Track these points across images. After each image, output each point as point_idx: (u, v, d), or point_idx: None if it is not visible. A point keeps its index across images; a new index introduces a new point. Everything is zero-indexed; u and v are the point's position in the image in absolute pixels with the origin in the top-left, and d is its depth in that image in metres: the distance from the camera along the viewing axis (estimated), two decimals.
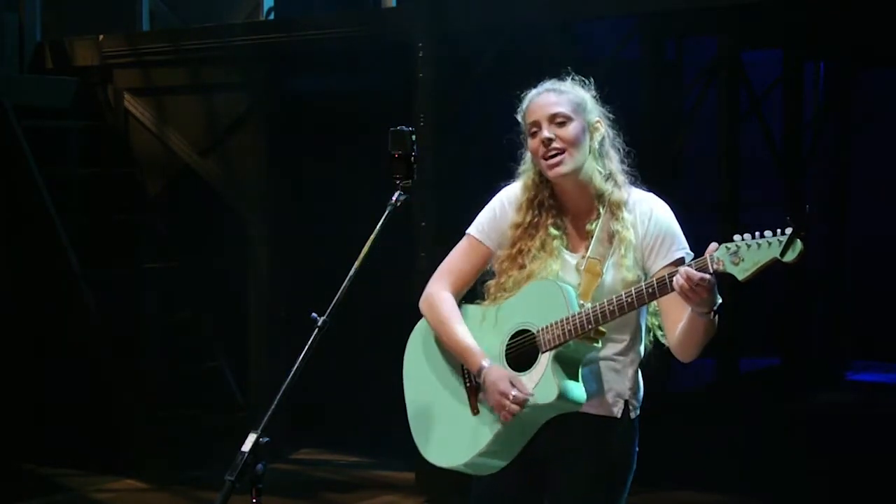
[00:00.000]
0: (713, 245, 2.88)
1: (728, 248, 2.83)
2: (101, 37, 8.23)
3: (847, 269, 10.37)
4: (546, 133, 3.11)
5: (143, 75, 8.22)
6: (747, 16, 7.95)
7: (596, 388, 3.12)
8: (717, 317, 2.95)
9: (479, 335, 3.21)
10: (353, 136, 7.93)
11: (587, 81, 3.27)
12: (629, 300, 2.97)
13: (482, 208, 3.33)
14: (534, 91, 3.21)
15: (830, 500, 6.79)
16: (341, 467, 7.57)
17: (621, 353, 3.16)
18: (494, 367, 3.12)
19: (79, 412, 7.51)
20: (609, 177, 3.17)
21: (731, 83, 8.71)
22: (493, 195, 3.33)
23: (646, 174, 3.25)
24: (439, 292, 3.27)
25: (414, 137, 3.21)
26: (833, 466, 7.39)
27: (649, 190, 3.24)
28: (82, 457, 7.45)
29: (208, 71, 7.96)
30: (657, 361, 3.27)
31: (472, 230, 3.30)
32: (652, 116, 8.29)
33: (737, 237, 2.84)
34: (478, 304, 3.28)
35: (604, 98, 3.32)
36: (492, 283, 3.24)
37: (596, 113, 3.21)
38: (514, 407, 3.03)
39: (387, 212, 3.16)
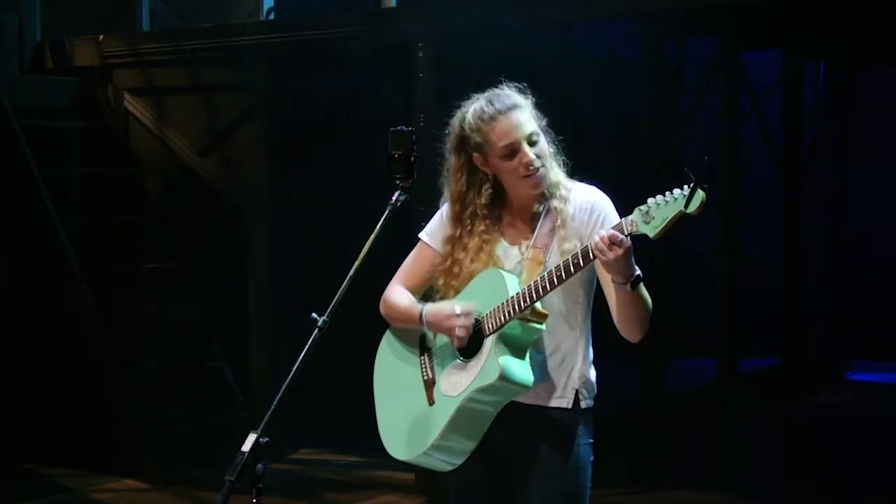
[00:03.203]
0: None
1: (641, 210, 2.92)
2: (101, 37, 8.23)
3: (847, 269, 10.36)
4: (531, 155, 3.15)
5: (143, 75, 8.22)
6: (747, 16, 7.95)
7: (545, 379, 3.17)
8: (637, 287, 3.02)
9: (431, 334, 3.29)
10: (353, 136, 7.93)
11: (522, 85, 3.28)
12: (559, 273, 3.03)
13: None
14: (490, 108, 3.19)
15: (830, 500, 6.80)
16: (341, 467, 7.57)
17: (569, 343, 3.20)
18: (433, 305, 3.23)
19: (79, 412, 7.51)
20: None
21: (731, 83, 8.71)
22: None
23: (646, 174, 3.26)
24: (389, 288, 3.40)
25: (414, 137, 3.23)
26: (833, 466, 7.39)
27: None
28: (82, 457, 7.45)
29: (208, 71, 7.96)
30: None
31: (422, 234, 3.39)
32: (652, 116, 8.29)
33: (650, 199, 2.90)
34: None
35: (602, 98, 3.35)
36: (437, 297, 3.31)
37: (538, 114, 3.25)
38: (466, 321, 3.10)
39: (387, 212, 3.19)
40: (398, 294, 3.36)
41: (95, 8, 8.71)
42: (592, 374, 3.26)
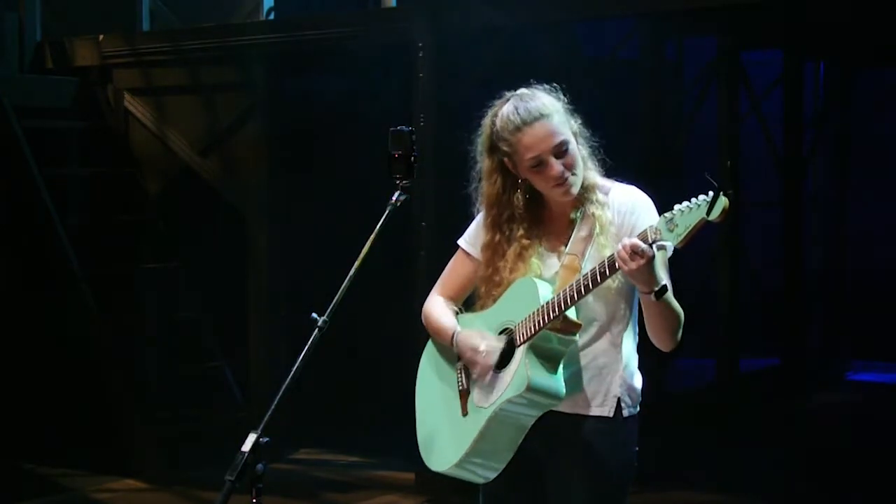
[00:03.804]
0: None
1: (665, 218, 2.85)
2: (101, 37, 8.23)
3: (847, 269, 10.36)
4: (558, 168, 3.09)
5: (143, 75, 8.22)
6: (747, 16, 7.95)
7: (584, 387, 3.12)
8: (662, 297, 2.95)
9: None
10: (353, 136, 7.93)
11: (552, 86, 3.21)
12: (586, 283, 2.98)
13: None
14: (516, 116, 3.11)
15: (830, 500, 6.79)
16: (341, 467, 7.57)
17: (610, 350, 3.14)
18: (465, 331, 3.19)
19: (79, 412, 7.51)
20: (584, 163, 3.17)
21: (731, 83, 8.71)
22: None
23: (646, 174, 3.25)
24: (430, 298, 3.37)
25: (414, 137, 3.21)
26: (833, 466, 7.39)
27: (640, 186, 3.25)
28: (82, 457, 7.45)
29: (208, 71, 7.96)
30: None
31: (461, 241, 3.36)
32: (652, 116, 8.29)
33: (675, 206, 2.84)
34: (469, 312, 3.33)
35: (602, 98, 3.32)
36: (478, 304, 3.29)
37: (571, 116, 3.18)
38: (486, 361, 3.10)
39: (387, 212, 3.18)
40: (439, 307, 3.33)
41: (95, 8, 8.71)
42: (637, 381, 3.20)
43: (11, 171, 7.62)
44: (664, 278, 2.96)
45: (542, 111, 3.10)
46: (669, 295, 2.98)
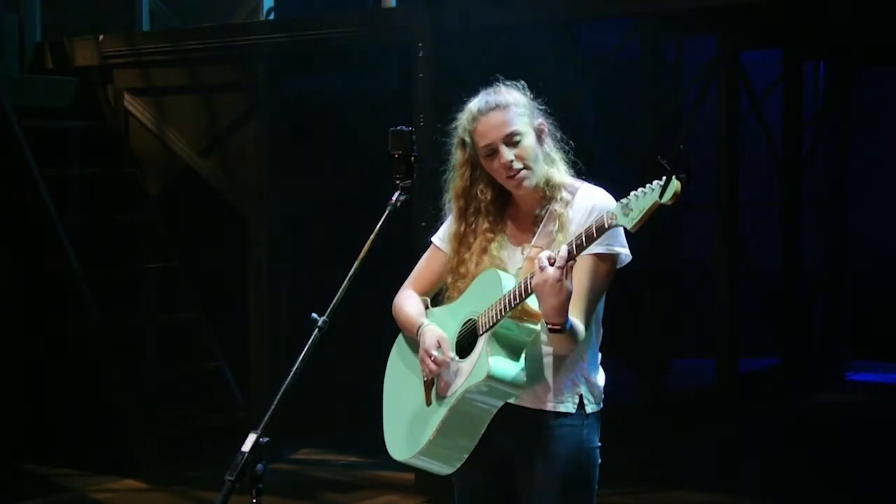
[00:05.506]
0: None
1: (621, 203, 2.86)
2: (101, 37, 8.23)
3: (847, 269, 10.37)
4: (507, 156, 3.13)
5: (143, 75, 8.22)
6: (747, 16, 7.95)
7: (546, 383, 3.14)
8: (554, 333, 2.98)
9: None
10: (353, 136, 7.93)
11: (520, 84, 3.25)
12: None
13: None
14: (475, 106, 3.20)
15: (830, 500, 6.80)
16: (341, 467, 7.57)
17: None
18: (430, 327, 3.22)
19: (79, 412, 7.52)
20: (552, 163, 3.21)
21: (731, 83, 8.72)
22: None
23: (646, 174, 3.24)
24: (401, 292, 3.42)
25: (414, 137, 3.22)
26: (833, 466, 7.39)
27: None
28: (82, 457, 7.46)
29: (208, 71, 7.96)
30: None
31: (434, 237, 3.40)
32: (652, 116, 8.30)
33: (632, 192, 2.86)
34: (436, 307, 3.36)
35: (602, 98, 3.33)
36: (445, 296, 3.33)
37: (537, 114, 3.21)
38: (433, 366, 3.13)
39: (387, 212, 3.18)
40: (408, 300, 3.37)
41: (95, 8, 8.71)
42: (599, 378, 3.22)
43: (11, 171, 7.62)
44: (570, 322, 2.97)
45: (499, 102, 3.17)
46: (574, 332, 3.01)
